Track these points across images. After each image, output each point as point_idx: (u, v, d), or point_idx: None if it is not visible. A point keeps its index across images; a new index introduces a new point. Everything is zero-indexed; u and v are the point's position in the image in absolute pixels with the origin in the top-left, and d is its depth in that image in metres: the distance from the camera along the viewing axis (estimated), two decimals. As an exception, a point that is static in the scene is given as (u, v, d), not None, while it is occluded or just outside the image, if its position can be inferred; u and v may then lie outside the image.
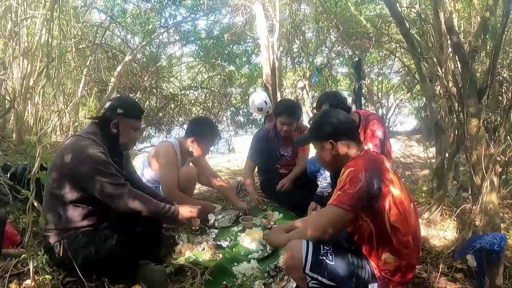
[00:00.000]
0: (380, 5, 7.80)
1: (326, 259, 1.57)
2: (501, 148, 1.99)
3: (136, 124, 2.06)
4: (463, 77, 2.19)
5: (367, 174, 1.51)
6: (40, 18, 3.96)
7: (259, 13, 6.89)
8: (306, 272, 1.55)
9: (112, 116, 1.98)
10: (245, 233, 2.51)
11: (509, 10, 1.99)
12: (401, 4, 5.02)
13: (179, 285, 1.96)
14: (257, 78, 11.09)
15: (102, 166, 1.83)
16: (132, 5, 8.50)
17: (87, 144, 1.87)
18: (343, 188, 1.54)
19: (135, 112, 2.06)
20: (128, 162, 2.28)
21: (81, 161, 1.81)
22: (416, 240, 1.62)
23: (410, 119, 11.23)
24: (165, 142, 2.88)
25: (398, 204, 1.54)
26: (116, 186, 1.85)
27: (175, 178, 2.70)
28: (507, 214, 2.96)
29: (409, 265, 1.60)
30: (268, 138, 3.32)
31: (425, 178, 4.48)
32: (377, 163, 1.58)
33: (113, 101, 2.05)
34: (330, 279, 1.55)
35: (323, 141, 1.71)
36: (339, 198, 1.54)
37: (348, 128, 1.71)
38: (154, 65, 9.25)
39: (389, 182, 1.56)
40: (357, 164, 1.56)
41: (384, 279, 1.58)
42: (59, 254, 1.83)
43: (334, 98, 2.68)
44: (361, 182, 1.50)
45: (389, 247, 1.57)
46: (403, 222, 1.55)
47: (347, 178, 1.54)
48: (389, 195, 1.53)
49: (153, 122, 10.81)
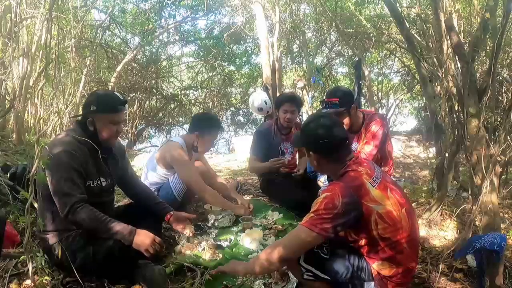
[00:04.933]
0: (380, 5, 7.80)
1: (321, 252, 1.58)
2: (501, 148, 1.99)
3: (114, 118, 1.94)
4: (463, 77, 2.19)
5: (344, 201, 1.48)
6: (39, 18, 3.96)
7: (259, 13, 6.88)
8: (301, 263, 1.57)
9: (87, 114, 1.91)
10: (245, 233, 2.51)
11: (509, 10, 1.99)
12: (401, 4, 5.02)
13: (179, 285, 1.95)
14: (257, 78, 11.09)
15: (60, 167, 1.78)
16: (132, 5, 8.50)
17: (56, 143, 1.84)
18: (317, 212, 1.50)
19: (110, 105, 1.92)
20: (124, 158, 2.24)
21: (50, 161, 1.76)
22: (412, 243, 1.59)
23: (410, 119, 11.25)
24: (172, 142, 2.86)
25: (385, 218, 1.52)
26: (63, 195, 1.77)
27: (198, 174, 2.74)
28: (507, 214, 2.96)
29: (407, 269, 1.58)
30: (270, 133, 3.33)
31: (425, 178, 4.48)
32: (355, 188, 1.53)
33: (88, 97, 1.98)
34: (324, 272, 1.56)
35: (308, 150, 1.71)
36: (311, 221, 1.50)
37: (331, 144, 1.63)
38: (154, 65, 9.25)
39: (372, 203, 1.52)
40: (334, 189, 1.52)
41: (381, 280, 1.57)
42: (58, 255, 1.83)
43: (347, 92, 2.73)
44: (337, 208, 1.47)
45: (382, 255, 1.56)
46: (393, 232, 1.53)
47: (322, 202, 1.50)
48: (373, 213, 1.51)
49: (153, 122, 10.81)
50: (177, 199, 2.76)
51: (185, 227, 2.28)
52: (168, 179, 2.81)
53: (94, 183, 1.94)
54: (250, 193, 3.60)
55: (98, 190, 1.96)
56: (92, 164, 1.93)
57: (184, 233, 2.29)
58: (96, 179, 1.96)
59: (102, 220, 1.81)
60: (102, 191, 2.00)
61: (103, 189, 2.00)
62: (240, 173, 4.78)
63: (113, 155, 2.11)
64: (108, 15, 7.16)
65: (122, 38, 9.07)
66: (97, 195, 1.96)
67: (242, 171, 4.94)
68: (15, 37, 3.98)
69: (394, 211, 1.55)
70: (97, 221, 1.80)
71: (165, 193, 2.76)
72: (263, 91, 5.87)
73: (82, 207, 1.78)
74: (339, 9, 7.61)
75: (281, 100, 3.24)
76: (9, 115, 4.37)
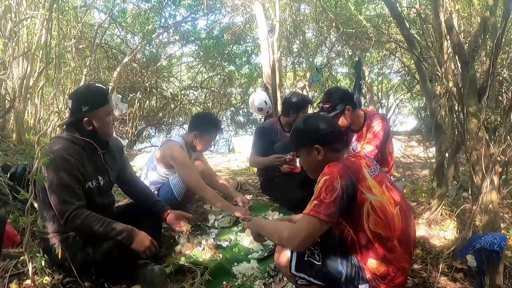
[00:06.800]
0: (380, 5, 7.80)
1: (312, 259, 1.57)
2: (501, 148, 1.99)
3: (107, 109, 1.94)
4: (463, 77, 2.19)
5: (343, 182, 1.48)
6: (40, 18, 3.96)
7: (259, 13, 6.88)
8: (293, 272, 1.57)
9: (81, 115, 1.88)
10: (245, 233, 2.51)
11: (509, 10, 1.99)
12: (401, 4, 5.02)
13: (179, 285, 1.96)
14: (257, 78, 11.08)
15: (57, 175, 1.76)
16: (132, 5, 8.50)
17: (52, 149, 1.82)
18: (319, 198, 1.50)
19: (100, 99, 1.92)
20: (123, 155, 2.23)
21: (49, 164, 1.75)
22: (404, 243, 1.57)
23: (410, 119, 11.23)
24: (172, 142, 2.86)
25: (378, 211, 1.51)
26: (61, 202, 1.77)
27: (198, 174, 2.75)
28: (507, 214, 2.96)
29: (399, 269, 1.56)
30: (273, 130, 3.33)
31: (425, 178, 4.48)
32: (353, 170, 1.54)
33: (73, 101, 1.93)
34: (317, 278, 1.56)
35: (309, 147, 1.68)
36: (315, 208, 1.49)
37: (333, 132, 1.67)
38: (154, 65, 9.25)
39: (366, 190, 1.52)
40: (332, 171, 1.51)
41: (375, 282, 1.56)
42: (58, 255, 1.83)
43: (342, 92, 2.72)
44: (337, 190, 1.47)
45: (373, 253, 1.54)
46: (385, 228, 1.52)
47: (322, 186, 1.50)
48: (367, 202, 1.51)
49: (153, 122, 10.81)
50: (177, 199, 2.76)
51: (182, 226, 2.28)
52: (168, 179, 2.81)
53: (93, 183, 1.94)
54: (250, 193, 3.60)
55: (97, 190, 1.96)
56: (89, 164, 1.92)
57: (180, 231, 2.28)
58: (95, 179, 1.95)
59: (101, 224, 1.81)
60: (101, 192, 1.99)
61: (102, 189, 2.00)
62: (240, 173, 4.78)
63: (110, 149, 2.08)
64: (108, 15, 7.15)
65: (122, 38, 9.07)
66: (98, 197, 1.96)
67: (242, 171, 4.94)
68: (15, 37, 3.98)
69: (387, 206, 1.54)
70: (96, 225, 1.80)
71: (165, 193, 2.76)
72: (263, 91, 5.87)
73: (80, 214, 1.78)
74: (339, 9, 7.61)
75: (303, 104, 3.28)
76: (9, 115, 4.37)
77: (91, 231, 1.81)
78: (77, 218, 1.76)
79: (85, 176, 1.88)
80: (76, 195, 1.81)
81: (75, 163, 1.83)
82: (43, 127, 4.66)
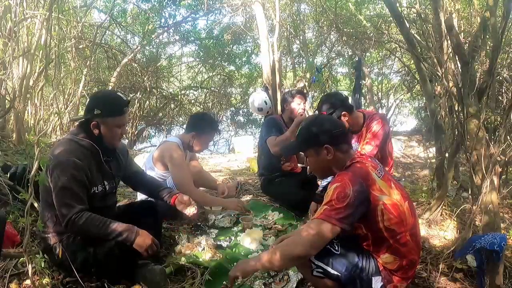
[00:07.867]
0: (380, 5, 7.79)
1: (332, 249, 1.60)
2: (501, 148, 1.99)
3: (119, 121, 1.91)
4: (463, 77, 2.19)
5: (355, 189, 1.49)
6: (39, 18, 3.96)
7: (259, 13, 6.87)
8: (312, 260, 1.58)
9: (91, 117, 1.86)
10: (245, 233, 2.51)
11: (509, 10, 1.98)
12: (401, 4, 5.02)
13: (179, 285, 1.96)
14: (257, 78, 11.09)
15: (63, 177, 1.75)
16: (132, 5, 8.51)
17: (60, 150, 1.82)
18: (330, 203, 1.50)
19: (115, 109, 1.89)
20: (127, 158, 2.23)
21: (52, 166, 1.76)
22: (415, 236, 1.64)
23: (410, 119, 11.23)
24: (169, 143, 2.87)
25: (391, 209, 1.55)
26: (63, 205, 1.77)
27: (190, 177, 2.76)
28: (507, 214, 2.96)
29: (411, 262, 1.62)
30: (280, 123, 3.35)
31: (425, 178, 4.48)
32: (363, 176, 1.56)
33: (90, 100, 1.94)
34: (334, 268, 1.58)
35: (318, 147, 1.68)
36: (326, 212, 1.50)
37: (341, 132, 1.70)
38: (154, 65, 9.25)
39: (378, 192, 1.55)
40: (343, 179, 1.53)
41: (387, 274, 1.61)
42: (58, 255, 1.83)
43: (335, 98, 2.69)
44: (349, 197, 1.48)
45: (387, 248, 1.59)
46: (398, 224, 1.56)
47: (333, 194, 1.51)
48: (380, 203, 1.53)
49: (153, 122, 10.81)
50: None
51: (188, 208, 2.26)
52: (166, 180, 2.81)
53: (98, 188, 1.94)
54: (250, 193, 3.60)
55: (102, 194, 1.97)
56: (96, 169, 1.92)
57: (186, 212, 2.27)
58: (100, 184, 1.95)
59: (102, 225, 1.81)
60: (106, 195, 2.00)
61: (107, 193, 2.01)
62: (240, 173, 4.78)
63: (117, 156, 2.10)
64: (108, 15, 7.16)
65: (122, 38, 9.07)
66: (101, 200, 1.96)
67: (242, 171, 4.94)
68: (15, 37, 3.98)
69: (398, 203, 1.58)
70: (97, 227, 1.79)
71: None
72: (263, 91, 5.86)
73: (81, 216, 1.77)
74: (339, 9, 7.61)
75: (292, 94, 3.33)
76: (9, 115, 4.37)
77: (92, 233, 1.81)
78: (78, 222, 1.76)
79: (91, 181, 1.88)
80: (80, 199, 1.80)
81: (83, 167, 1.82)
82: (43, 128, 4.67)
